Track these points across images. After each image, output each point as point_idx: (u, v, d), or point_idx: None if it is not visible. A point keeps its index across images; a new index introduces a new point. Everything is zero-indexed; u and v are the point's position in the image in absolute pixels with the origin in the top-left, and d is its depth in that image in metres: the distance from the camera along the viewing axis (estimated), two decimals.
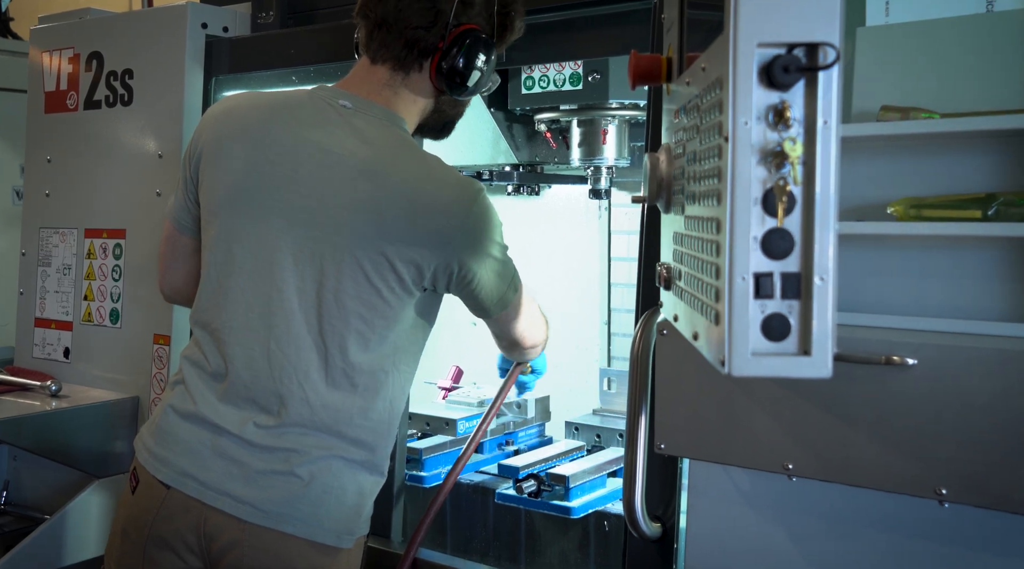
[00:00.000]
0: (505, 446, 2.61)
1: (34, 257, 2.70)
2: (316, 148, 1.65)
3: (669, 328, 1.51)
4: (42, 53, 2.71)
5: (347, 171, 1.62)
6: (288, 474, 1.62)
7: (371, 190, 1.61)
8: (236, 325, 1.66)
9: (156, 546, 1.66)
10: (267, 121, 1.69)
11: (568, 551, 2.25)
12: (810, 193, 0.95)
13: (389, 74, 1.72)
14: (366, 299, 1.63)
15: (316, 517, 1.63)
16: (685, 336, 1.24)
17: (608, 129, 2.54)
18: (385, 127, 1.69)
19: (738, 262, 0.96)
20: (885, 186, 1.44)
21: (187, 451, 1.65)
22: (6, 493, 2.63)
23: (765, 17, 0.94)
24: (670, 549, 1.76)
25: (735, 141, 0.96)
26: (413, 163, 1.66)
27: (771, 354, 0.97)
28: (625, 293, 3.02)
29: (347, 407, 1.66)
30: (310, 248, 1.63)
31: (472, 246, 1.68)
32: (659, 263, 1.49)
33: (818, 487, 1.49)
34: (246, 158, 1.67)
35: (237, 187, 1.67)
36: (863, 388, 1.32)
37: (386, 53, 1.71)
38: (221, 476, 1.63)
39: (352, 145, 1.64)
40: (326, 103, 1.70)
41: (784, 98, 0.95)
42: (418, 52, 1.71)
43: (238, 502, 1.61)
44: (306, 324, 1.64)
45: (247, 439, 1.64)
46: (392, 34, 1.69)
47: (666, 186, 1.40)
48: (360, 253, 1.61)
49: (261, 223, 1.65)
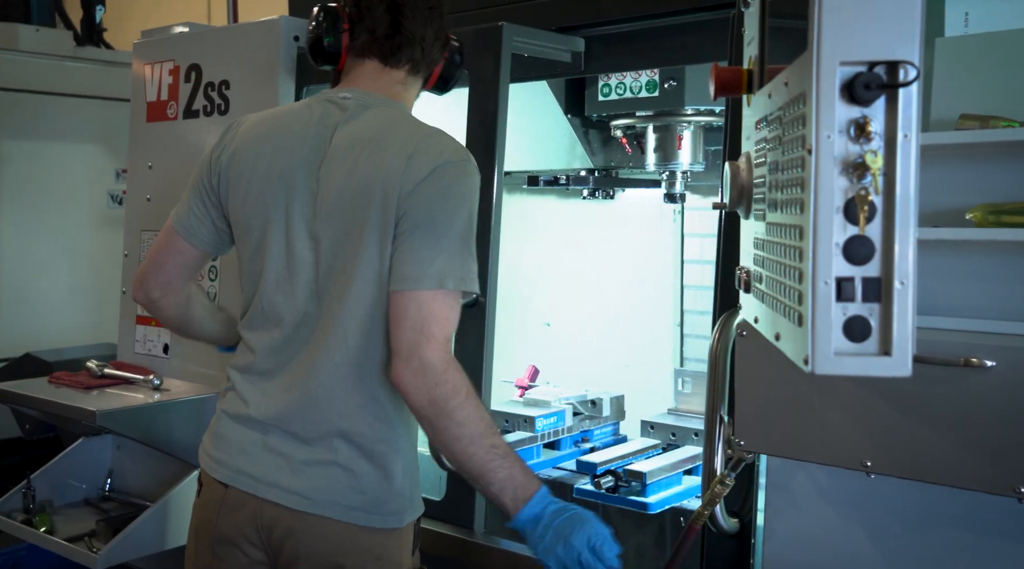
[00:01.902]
0: (581, 443, 2.68)
1: (136, 258, 2.85)
2: (332, 144, 1.74)
3: (749, 329, 1.56)
4: (144, 65, 2.86)
5: (357, 153, 1.71)
6: (331, 463, 1.71)
7: (375, 159, 1.68)
8: (283, 325, 1.75)
9: (221, 544, 1.78)
10: (282, 132, 1.78)
11: (645, 546, 2.31)
12: (890, 202, 1.00)
13: (394, 73, 1.84)
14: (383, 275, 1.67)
15: (361, 502, 1.70)
16: (767, 337, 1.30)
17: (683, 134, 2.60)
18: (390, 108, 1.80)
19: (821, 267, 1.02)
20: (962, 192, 1.48)
21: (240, 451, 1.76)
22: (110, 481, 2.79)
23: (848, 36, 1.00)
24: (747, 544, 1.81)
25: (818, 153, 1.01)
26: (413, 126, 1.76)
27: (852, 354, 1.03)
28: (698, 295, 3.06)
29: (379, 392, 1.71)
30: (335, 241, 1.70)
31: (439, 195, 1.66)
32: (739, 267, 1.55)
33: (895, 484, 1.53)
34: (269, 170, 1.76)
35: (268, 199, 1.75)
36: (941, 389, 1.36)
37: (395, 60, 1.82)
38: (271, 470, 1.73)
39: (359, 130, 1.73)
40: (323, 106, 1.79)
41: (865, 113, 1.01)
42: (432, 63, 1.89)
43: (288, 493, 1.71)
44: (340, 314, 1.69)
45: (292, 432, 1.73)
46: (410, 44, 1.82)
47: (747, 193, 1.46)
48: (375, 235, 1.66)
49: (293, 228, 1.73)
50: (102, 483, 2.80)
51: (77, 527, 2.56)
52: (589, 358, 3.21)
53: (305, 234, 1.73)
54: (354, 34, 1.81)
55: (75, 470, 2.76)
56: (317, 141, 1.75)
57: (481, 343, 2.14)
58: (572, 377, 3.07)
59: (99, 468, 2.80)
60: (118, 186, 4.67)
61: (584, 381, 2.98)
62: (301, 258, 1.74)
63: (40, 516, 2.56)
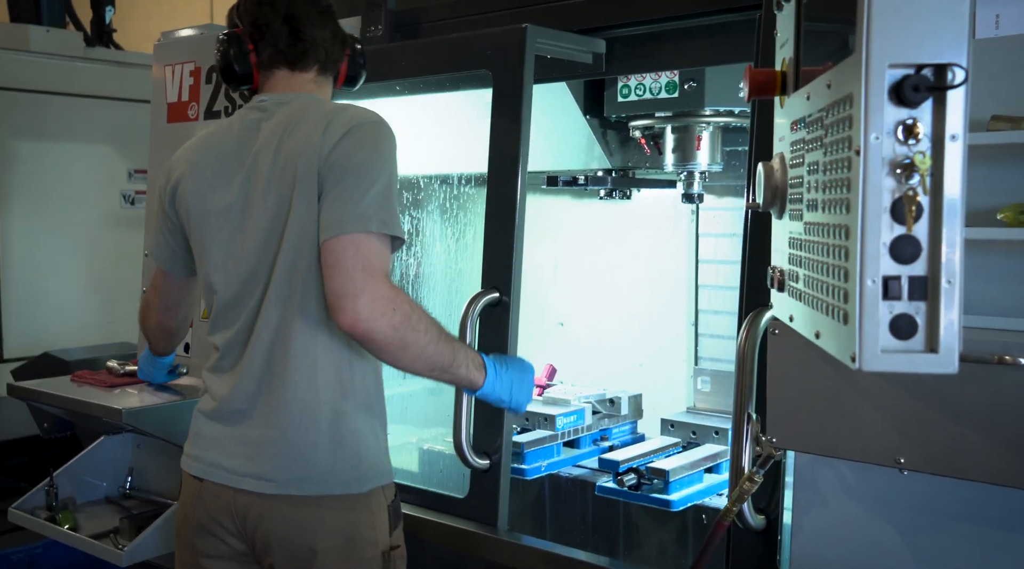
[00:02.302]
0: (600, 442, 2.70)
1: None
2: (258, 143, 1.84)
3: (781, 327, 1.58)
4: (164, 66, 2.88)
5: (279, 139, 1.80)
6: (288, 442, 1.77)
7: (294, 138, 1.78)
8: (238, 319, 1.83)
9: (199, 534, 1.85)
10: (214, 147, 1.90)
11: (666, 543, 2.33)
12: (938, 202, 1.03)
13: (303, 75, 1.93)
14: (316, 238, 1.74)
15: (319, 474, 1.77)
16: (805, 335, 1.31)
17: (702, 135, 2.61)
18: (305, 98, 1.89)
19: (868, 266, 1.04)
20: (994, 193, 1.50)
21: (213, 444, 1.84)
22: (131, 478, 2.80)
23: (896, 39, 1.02)
24: (774, 541, 1.83)
25: (866, 154, 1.03)
26: (328, 105, 1.86)
27: (899, 351, 1.05)
28: (712, 295, 3.08)
29: (324, 362, 1.78)
30: (270, 221, 1.78)
31: (357, 150, 1.74)
32: (771, 266, 1.57)
33: (922, 480, 1.55)
34: (210, 185, 1.87)
35: (213, 211, 1.86)
36: (975, 386, 1.38)
37: (302, 64, 1.92)
38: (240, 460, 1.80)
39: (274, 129, 1.83)
40: (249, 113, 1.90)
41: (913, 115, 1.03)
42: (335, 61, 1.97)
43: (255, 479, 1.78)
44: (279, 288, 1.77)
45: (252, 417, 1.80)
46: (312, 49, 1.91)
47: (781, 194, 1.48)
48: (302, 203, 1.74)
49: (234, 227, 1.83)
50: (122, 481, 2.81)
51: (100, 524, 2.58)
52: (603, 357, 3.23)
53: (244, 228, 1.82)
54: (259, 51, 1.90)
55: (96, 468, 2.78)
56: (244, 145, 1.85)
57: (505, 342, 2.16)
58: (586, 376, 3.09)
59: (119, 466, 2.82)
60: (130, 186, 4.69)
61: (598, 380, 3.00)
62: (244, 251, 1.81)
63: (63, 513, 2.58)
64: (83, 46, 4.85)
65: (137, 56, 5.17)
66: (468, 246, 2.99)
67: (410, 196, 3.05)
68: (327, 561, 1.77)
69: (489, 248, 2.24)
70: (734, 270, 2.98)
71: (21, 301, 4.32)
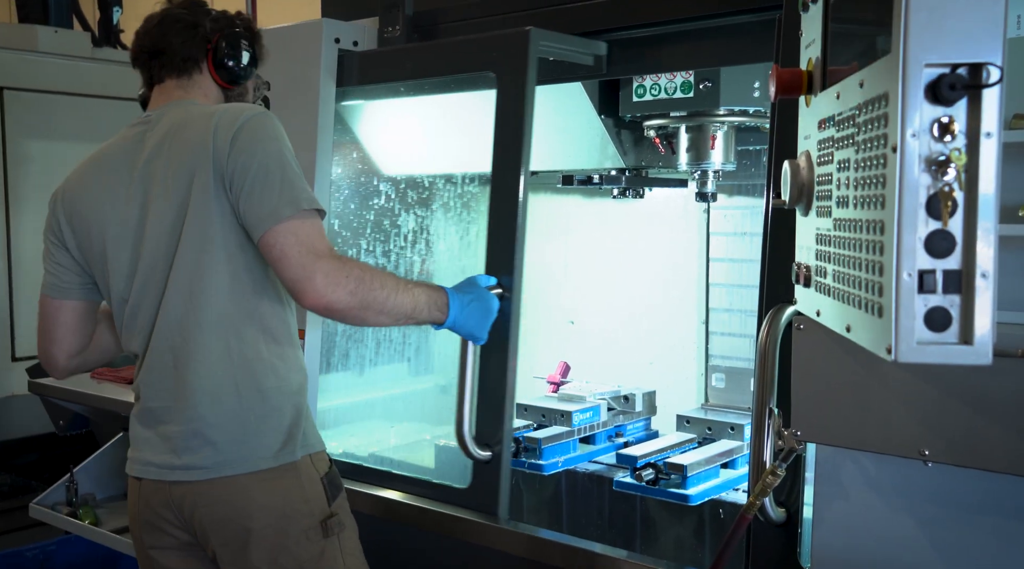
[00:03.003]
0: (615, 438, 2.73)
1: None
2: (145, 153, 1.92)
3: (806, 323, 1.61)
4: None
5: (167, 145, 1.89)
6: (207, 428, 1.83)
7: (181, 142, 1.86)
8: (150, 322, 1.88)
9: (146, 531, 1.93)
10: (102, 167, 1.99)
11: (683, 537, 2.36)
12: (973, 198, 1.06)
13: (175, 82, 2.03)
14: (220, 241, 1.83)
15: (242, 454, 1.83)
16: (834, 329, 1.34)
17: (717, 135, 2.64)
18: (182, 105, 1.97)
19: (904, 260, 1.07)
20: (1016, 190, 1.52)
21: (144, 444, 1.91)
22: None
23: (932, 39, 1.05)
24: (794, 534, 1.86)
25: (903, 151, 1.06)
26: (207, 108, 1.93)
27: (934, 343, 1.08)
28: (723, 293, 3.11)
29: (231, 342, 1.84)
30: (171, 218, 1.86)
31: (255, 142, 1.81)
32: (795, 262, 1.60)
33: (945, 473, 1.57)
34: (101, 202, 1.94)
35: (112, 223, 1.93)
36: (999, 379, 1.41)
37: (167, 71, 2.02)
38: (167, 454, 1.86)
39: (159, 137, 1.92)
40: (134, 129, 2.00)
41: (949, 113, 1.06)
42: (193, 57, 2.02)
43: (185, 470, 1.84)
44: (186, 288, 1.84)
45: (173, 415, 1.86)
46: (167, 54, 2.01)
47: (807, 191, 1.51)
48: (202, 202, 1.82)
49: (138, 239, 1.90)
50: None
51: (121, 519, 2.61)
52: (613, 355, 3.26)
53: (143, 234, 1.89)
54: (143, 76, 2.07)
55: (114, 465, 2.81)
56: (131, 158, 1.93)
57: (507, 338, 2.20)
58: (597, 374, 3.12)
59: None
60: None
61: (608, 378, 3.03)
62: (144, 255, 1.88)
63: (84, 508, 2.60)
64: (91, 46, 4.87)
65: None
66: (472, 244, 3.02)
67: (415, 195, 3.07)
68: (262, 539, 1.84)
69: (492, 245, 2.27)
70: (745, 268, 3.04)
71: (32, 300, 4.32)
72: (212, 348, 1.83)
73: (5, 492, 4.22)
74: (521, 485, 2.65)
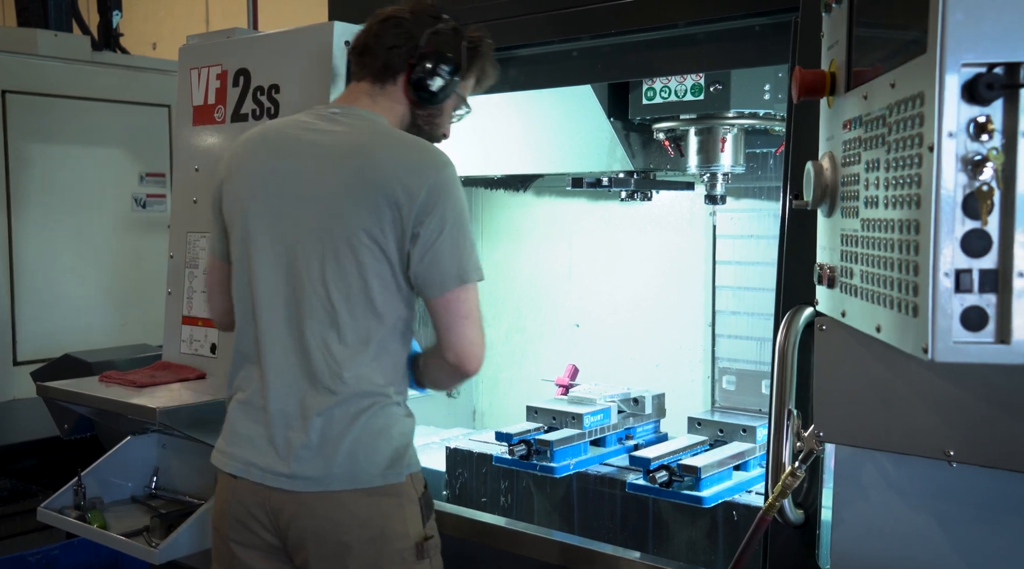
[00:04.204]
0: (625, 440, 2.73)
1: (181, 260, 2.88)
2: (311, 145, 1.91)
3: (828, 323, 1.61)
4: (190, 69, 2.89)
5: (337, 156, 1.88)
6: (324, 441, 1.82)
7: (357, 165, 1.85)
8: (269, 320, 1.89)
9: (234, 528, 1.91)
10: (268, 139, 1.98)
11: (696, 539, 2.36)
12: (1010, 197, 1.06)
13: (368, 86, 2.01)
14: (371, 266, 1.83)
15: (351, 470, 1.82)
16: (862, 330, 1.35)
17: (726, 137, 2.65)
18: (366, 120, 1.95)
19: (941, 260, 1.08)
20: None
21: (248, 443, 1.90)
22: (156, 478, 2.81)
23: (969, 39, 1.05)
24: (812, 535, 1.86)
25: (940, 151, 1.07)
26: (391, 139, 1.92)
27: (970, 342, 1.08)
28: (729, 296, 3.11)
29: (363, 364, 1.84)
30: (317, 230, 1.85)
31: (444, 205, 1.82)
32: (819, 264, 1.60)
33: (965, 473, 1.57)
34: (254, 172, 1.95)
35: (250, 197, 1.93)
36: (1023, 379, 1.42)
37: (365, 71, 2.01)
38: (275, 458, 1.85)
39: (339, 137, 1.91)
40: (316, 113, 1.99)
41: (986, 112, 1.06)
42: (392, 68, 1.99)
43: (291, 478, 1.83)
44: (321, 300, 1.84)
45: (290, 419, 1.85)
46: (370, 55, 1.99)
47: (831, 192, 1.51)
48: (356, 219, 1.82)
49: (274, 222, 1.89)
50: (148, 480, 2.82)
51: (129, 523, 2.59)
52: (619, 358, 3.26)
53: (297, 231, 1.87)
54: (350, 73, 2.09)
55: (122, 468, 2.79)
56: (299, 146, 1.92)
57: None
58: (603, 377, 3.12)
59: (145, 466, 2.83)
60: (142, 189, 4.71)
61: (615, 380, 3.03)
62: (293, 250, 1.87)
63: (92, 512, 2.59)
64: (90, 50, 4.86)
65: (144, 60, 5.19)
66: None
67: None
68: (361, 555, 1.82)
69: None
70: (752, 271, 3.04)
71: (34, 304, 4.32)
72: (345, 362, 1.84)
73: (6, 497, 4.19)
74: (532, 488, 2.64)
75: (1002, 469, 1.46)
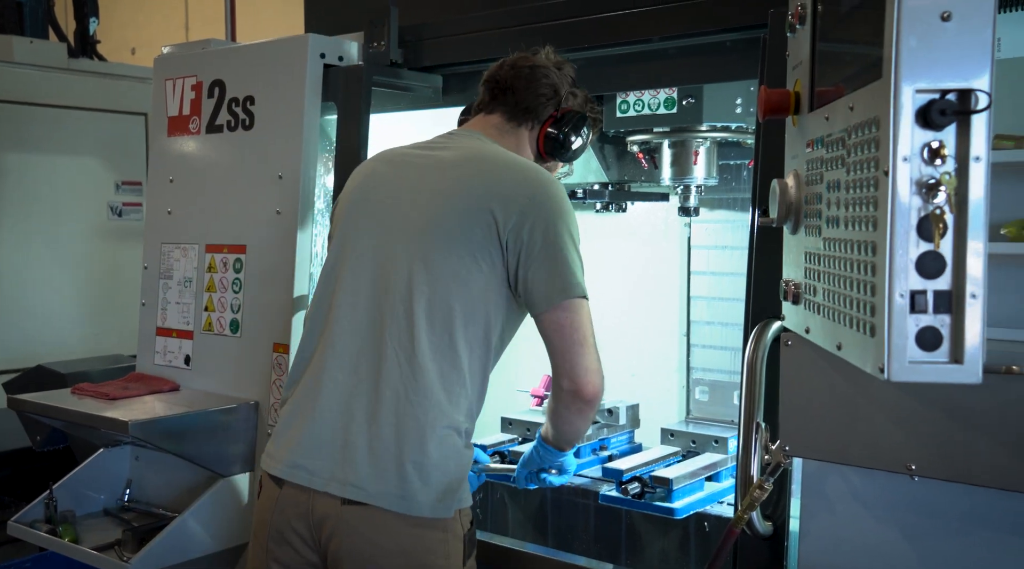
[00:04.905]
0: (599, 451, 2.74)
1: (156, 270, 2.88)
2: (419, 157, 1.97)
3: (794, 339, 1.63)
4: (165, 80, 2.89)
5: (441, 166, 1.92)
6: (390, 453, 1.77)
7: (458, 175, 1.88)
8: (347, 322, 1.86)
9: (274, 541, 1.85)
10: (386, 155, 2.05)
11: (668, 550, 2.37)
12: (963, 220, 1.08)
13: (499, 120, 2.07)
14: (460, 276, 1.81)
15: (409, 492, 1.75)
16: (825, 347, 1.37)
17: (699, 150, 2.67)
18: (481, 141, 2.01)
19: (897, 281, 1.10)
20: (997, 209, 1.55)
21: (297, 445, 1.84)
22: (129, 491, 2.80)
23: (922, 65, 1.08)
24: (780, 547, 1.88)
25: (895, 175, 1.09)
26: (500, 153, 1.96)
27: (925, 362, 1.10)
28: (704, 306, 3.14)
29: (435, 382, 1.79)
30: (411, 236, 1.85)
31: (545, 218, 1.83)
32: (784, 280, 1.62)
33: (929, 487, 1.60)
34: (362, 183, 2.01)
35: (352, 204, 1.97)
36: (984, 395, 1.44)
37: (500, 107, 2.07)
38: (326, 460, 1.80)
39: (448, 152, 1.96)
40: (437, 135, 2.04)
41: (939, 137, 1.08)
42: (534, 115, 2.07)
43: (342, 484, 1.77)
44: (405, 308, 1.82)
45: (349, 423, 1.80)
46: (515, 95, 2.05)
47: (795, 209, 1.53)
48: (451, 228, 1.82)
49: (371, 228, 1.91)
50: (120, 493, 2.81)
51: (101, 536, 2.58)
52: None
53: (390, 238, 1.88)
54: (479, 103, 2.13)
55: (95, 481, 2.78)
56: (420, 168, 1.94)
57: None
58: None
59: (118, 478, 2.82)
60: (118, 198, 4.69)
61: None
62: (384, 253, 1.87)
63: (64, 526, 2.57)
64: (67, 57, 4.84)
65: (121, 67, 5.16)
66: None
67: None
68: None
69: None
70: (726, 281, 3.07)
71: (8, 312, 4.29)
72: (427, 377, 1.80)
73: None
74: (506, 499, 2.65)
75: (961, 482, 1.49)
